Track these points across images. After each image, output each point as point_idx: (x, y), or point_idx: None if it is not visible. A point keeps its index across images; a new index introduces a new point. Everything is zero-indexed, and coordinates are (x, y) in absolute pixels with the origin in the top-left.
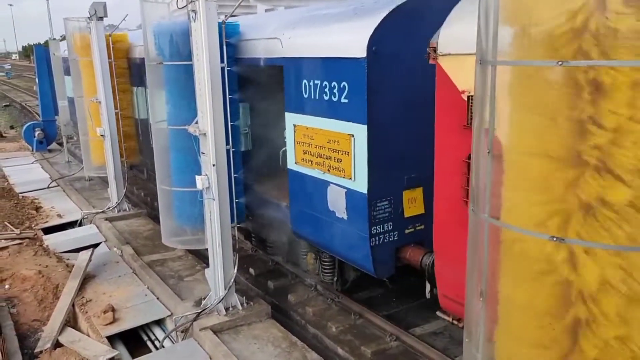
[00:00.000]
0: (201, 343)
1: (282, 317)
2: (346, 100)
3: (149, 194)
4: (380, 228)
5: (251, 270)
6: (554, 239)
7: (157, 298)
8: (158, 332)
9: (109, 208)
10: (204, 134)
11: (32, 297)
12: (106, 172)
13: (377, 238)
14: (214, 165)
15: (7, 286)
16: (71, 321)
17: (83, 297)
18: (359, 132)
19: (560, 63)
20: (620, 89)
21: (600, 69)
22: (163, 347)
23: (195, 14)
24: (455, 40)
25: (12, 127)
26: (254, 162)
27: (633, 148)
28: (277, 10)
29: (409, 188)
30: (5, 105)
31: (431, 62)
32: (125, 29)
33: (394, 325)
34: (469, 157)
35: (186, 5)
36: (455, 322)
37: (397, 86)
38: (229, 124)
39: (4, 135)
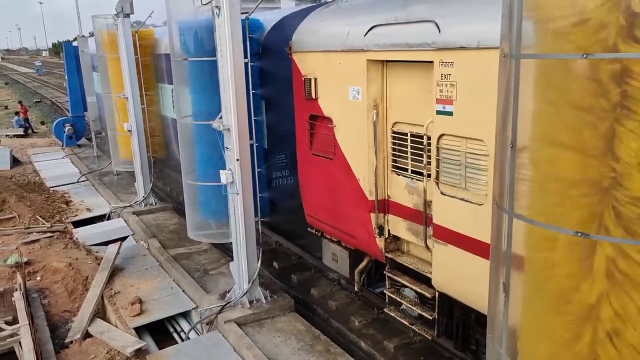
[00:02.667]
0: (225, 335)
1: (305, 311)
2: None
3: (175, 188)
4: (279, 174)
5: (275, 264)
6: (579, 234)
7: (183, 291)
8: (184, 324)
9: (136, 202)
10: (228, 129)
11: (63, 288)
12: (133, 166)
13: (276, 181)
14: (237, 160)
15: (38, 278)
16: (100, 312)
17: (111, 289)
18: (260, 104)
19: (585, 56)
20: None
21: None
22: (189, 338)
23: (219, 9)
24: (299, 42)
25: (43, 123)
26: None
27: None
28: None
29: None
30: (36, 102)
31: (290, 56)
32: (152, 25)
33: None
34: (310, 118)
35: (210, 1)
36: (318, 233)
37: (281, 72)
38: (252, 119)
39: (35, 130)
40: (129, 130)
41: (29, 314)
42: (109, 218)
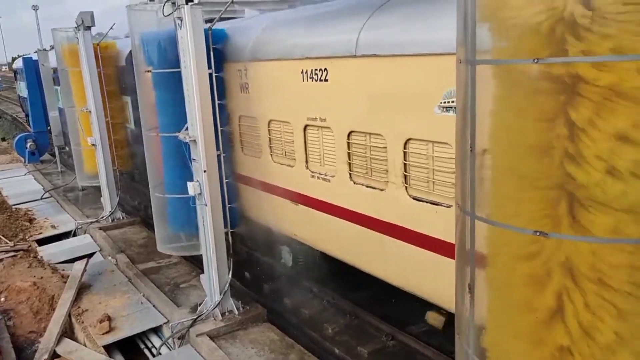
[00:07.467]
0: (198, 349)
1: (278, 320)
2: None
3: (143, 201)
4: None
5: (247, 274)
6: (538, 233)
7: (154, 305)
8: (155, 340)
9: (102, 217)
10: (194, 140)
11: (28, 309)
12: (99, 181)
13: None
14: (205, 171)
15: (2, 299)
16: (68, 332)
17: (79, 307)
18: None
19: (536, 61)
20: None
21: (578, 64)
22: (160, 354)
23: (181, 21)
24: None
25: (3, 139)
26: None
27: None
28: None
29: None
30: None
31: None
32: (114, 37)
33: (389, 324)
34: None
35: (172, 12)
36: None
37: None
38: (219, 129)
39: None
40: (93, 144)
41: None
42: (74, 235)
